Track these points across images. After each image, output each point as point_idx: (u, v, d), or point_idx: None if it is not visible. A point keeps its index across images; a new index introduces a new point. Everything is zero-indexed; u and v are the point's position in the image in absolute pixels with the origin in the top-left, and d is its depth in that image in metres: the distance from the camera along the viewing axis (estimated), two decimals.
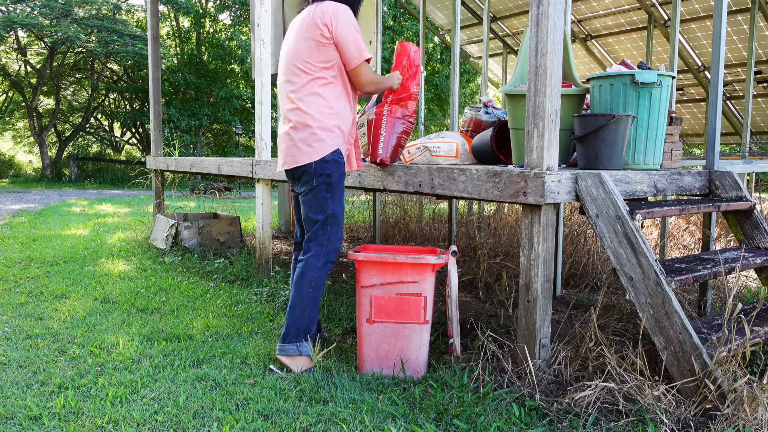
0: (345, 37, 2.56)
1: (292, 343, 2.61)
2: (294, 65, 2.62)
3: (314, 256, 2.65)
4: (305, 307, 2.63)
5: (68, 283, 4.13)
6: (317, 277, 2.65)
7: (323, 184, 2.61)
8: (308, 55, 2.59)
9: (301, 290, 2.63)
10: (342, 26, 2.56)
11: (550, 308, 2.46)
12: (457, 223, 5.14)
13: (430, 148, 3.37)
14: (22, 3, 15.13)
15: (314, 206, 2.64)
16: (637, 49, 7.47)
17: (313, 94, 2.60)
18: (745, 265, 2.61)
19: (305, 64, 2.59)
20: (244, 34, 18.68)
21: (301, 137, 2.60)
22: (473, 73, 18.71)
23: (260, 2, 4.12)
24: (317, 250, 2.65)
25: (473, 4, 7.74)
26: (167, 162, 5.84)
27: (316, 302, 2.66)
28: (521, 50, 3.22)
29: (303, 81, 2.60)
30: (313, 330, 2.67)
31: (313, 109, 2.59)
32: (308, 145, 2.59)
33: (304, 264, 2.65)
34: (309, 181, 2.62)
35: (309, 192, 2.64)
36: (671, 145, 3.08)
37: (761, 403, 2.05)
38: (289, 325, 2.63)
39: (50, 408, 2.19)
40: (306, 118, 2.59)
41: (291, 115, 2.63)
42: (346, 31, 2.56)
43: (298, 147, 2.61)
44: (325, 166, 2.60)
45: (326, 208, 2.63)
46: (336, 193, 2.65)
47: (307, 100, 2.59)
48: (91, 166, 19.29)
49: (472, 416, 2.14)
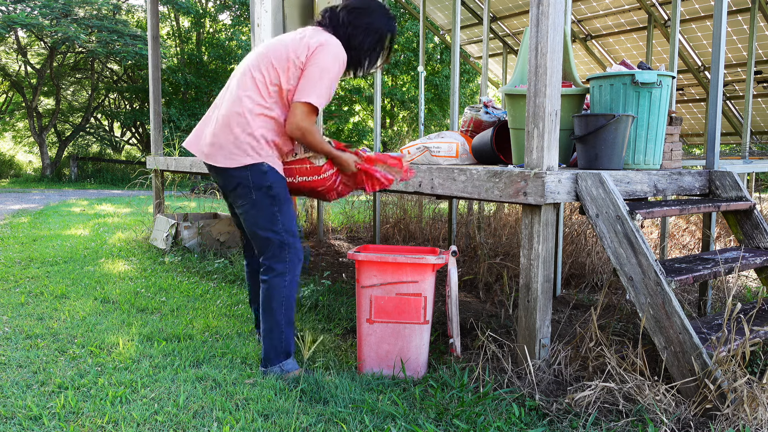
0: (312, 68, 2.41)
1: (274, 366, 2.51)
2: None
3: (278, 276, 2.49)
4: (281, 329, 2.50)
5: (68, 283, 4.13)
6: (286, 295, 2.49)
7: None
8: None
9: (273, 314, 2.48)
10: (319, 57, 2.41)
11: (550, 308, 2.46)
12: (457, 223, 5.14)
13: (430, 148, 3.37)
14: (22, 3, 15.13)
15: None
16: (637, 49, 7.46)
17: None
18: (745, 265, 2.61)
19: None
20: (244, 34, 18.67)
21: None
22: (473, 73, 18.71)
23: (260, 2, 4.12)
24: (281, 267, 2.50)
25: (473, 4, 7.74)
26: (167, 162, 5.84)
27: (291, 319, 2.52)
28: (521, 50, 3.22)
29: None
30: (292, 348, 2.55)
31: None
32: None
33: (269, 285, 2.48)
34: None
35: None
36: (671, 145, 3.08)
37: (761, 403, 2.05)
38: (267, 350, 2.51)
39: (50, 408, 2.19)
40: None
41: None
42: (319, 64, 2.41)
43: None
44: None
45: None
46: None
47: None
48: (91, 166, 19.28)
49: (472, 416, 2.14)
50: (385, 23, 2.62)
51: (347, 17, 2.55)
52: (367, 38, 2.57)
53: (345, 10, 2.57)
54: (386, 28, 2.63)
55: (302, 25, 5.14)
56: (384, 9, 2.63)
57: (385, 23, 2.62)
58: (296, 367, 2.55)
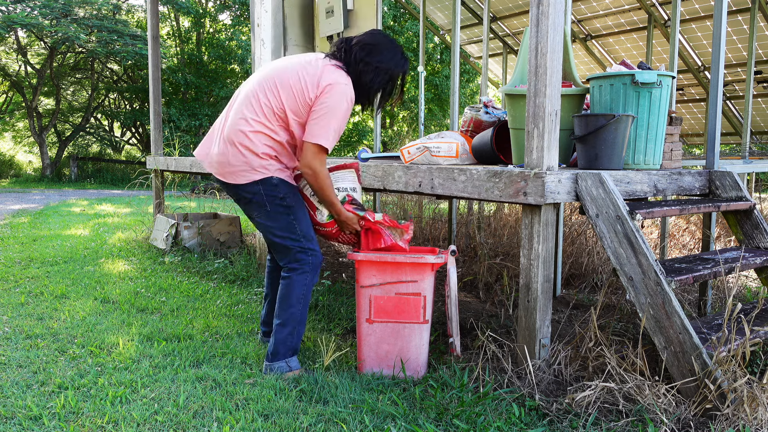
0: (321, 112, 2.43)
1: (280, 361, 2.53)
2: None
3: (302, 274, 2.56)
4: (295, 325, 2.55)
5: (68, 283, 4.13)
6: (305, 293, 2.56)
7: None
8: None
9: (290, 308, 2.54)
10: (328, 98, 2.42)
11: (550, 308, 2.46)
12: (457, 223, 5.14)
13: (430, 148, 3.37)
14: (22, 3, 15.12)
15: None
16: (637, 49, 7.46)
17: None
18: (745, 265, 2.61)
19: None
20: (244, 34, 18.67)
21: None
22: (473, 73, 18.71)
23: (260, 2, 4.12)
24: (304, 268, 2.56)
25: (473, 4, 7.74)
26: (167, 162, 5.84)
27: (304, 318, 2.59)
28: (521, 50, 3.22)
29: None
30: (299, 346, 2.60)
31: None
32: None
33: (291, 281, 2.55)
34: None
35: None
36: (671, 145, 3.08)
37: (761, 403, 2.05)
38: (278, 343, 2.54)
39: (50, 408, 2.19)
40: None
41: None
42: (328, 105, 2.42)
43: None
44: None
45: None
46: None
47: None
48: (91, 166, 19.27)
49: (472, 416, 2.14)
50: (396, 62, 2.59)
51: (359, 53, 2.52)
52: (377, 77, 2.55)
53: (358, 45, 2.54)
54: (397, 67, 2.60)
55: (302, 25, 5.14)
56: (396, 48, 2.60)
57: (396, 62, 2.59)
58: (299, 366, 2.57)
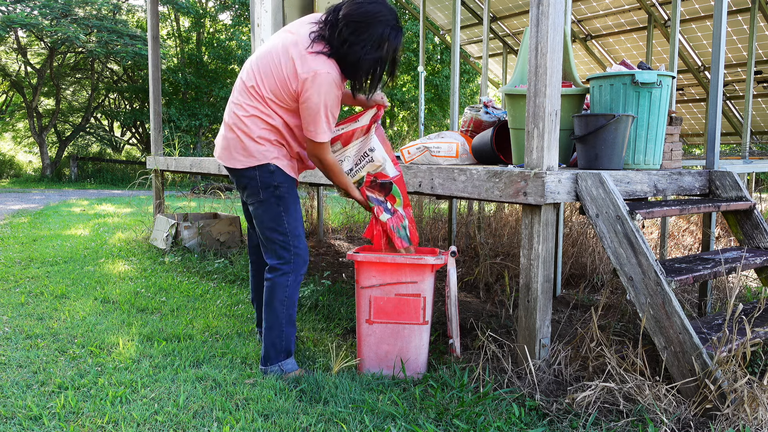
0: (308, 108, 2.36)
1: (273, 365, 2.52)
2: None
3: (282, 275, 2.52)
4: (282, 327, 2.52)
5: (68, 283, 4.13)
6: (289, 294, 2.52)
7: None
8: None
9: (274, 311, 2.51)
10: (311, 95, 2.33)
11: (550, 308, 2.46)
12: (457, 223, 5.14)
13: (430, 148, 3.37)
14: (22, 3, 15.12)
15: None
16: (637, 49, 7.46)
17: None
18: (746, 265, 2.61)
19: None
20: (244, 34, 18.67)
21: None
22: (473, 73, 18.71)
23: (260, 2, 4.12)
24: (285, 267, 2.53)
25: (473, 4, 7.74)
26: (167, 162, 5.84)
27: (292, 318, 2.55)
28: (521, 50, 3.22)
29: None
30: (293, 348, 2.57)
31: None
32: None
33: (272, 284, 2.51)
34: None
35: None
36: (671, 145, 3.08)
37: (761, 404, 2.05)
38: (267, 347, 2.52)
39: (50, 408, 2.19)
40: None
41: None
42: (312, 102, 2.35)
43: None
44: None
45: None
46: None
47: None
48: (91, 166, 19.28)
49: (472, 416, 2.14)
50: (385, 39, 2.35)
51: (344, 31, 2.31)
52: (365, 61, 2.36)
53: (344, 20, 2.32)
54: (388, 46, 2.38)
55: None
56: (387, 17, 2.35)
57: (385, 39, 2.35)
58: (296, 367, 2.55)
